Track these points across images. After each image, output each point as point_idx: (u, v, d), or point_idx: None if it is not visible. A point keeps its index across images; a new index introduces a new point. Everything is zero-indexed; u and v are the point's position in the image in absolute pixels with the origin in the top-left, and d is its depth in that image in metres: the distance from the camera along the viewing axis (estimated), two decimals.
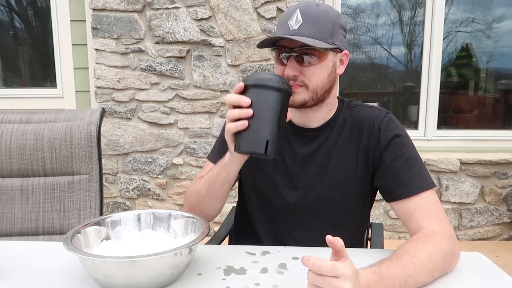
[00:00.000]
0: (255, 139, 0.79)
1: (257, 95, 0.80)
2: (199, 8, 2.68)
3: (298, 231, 1.06)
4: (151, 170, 2.87)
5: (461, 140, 2.93)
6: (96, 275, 0.74)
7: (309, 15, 0.91)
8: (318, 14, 0.92)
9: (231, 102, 0.82)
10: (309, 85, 0.95)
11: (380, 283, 0.70)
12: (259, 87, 0.80)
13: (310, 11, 0.92)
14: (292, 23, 0.91)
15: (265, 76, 0.80)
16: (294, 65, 0.93)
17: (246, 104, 0.79)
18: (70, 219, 1.25)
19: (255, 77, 0.81)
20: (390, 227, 2.87)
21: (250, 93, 0.81)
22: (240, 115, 0.80)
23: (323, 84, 0.96)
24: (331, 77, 0.98)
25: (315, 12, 0.92)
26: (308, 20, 0.91)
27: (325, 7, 0.94)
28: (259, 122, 0.79)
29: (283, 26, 0.94)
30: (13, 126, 1.27)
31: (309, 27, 0.90)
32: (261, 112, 0.79)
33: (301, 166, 1.04)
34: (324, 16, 0.92)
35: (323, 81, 0.96)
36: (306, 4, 0.93)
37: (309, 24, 0.91)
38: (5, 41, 3.22)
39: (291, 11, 0.93)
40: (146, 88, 2.78)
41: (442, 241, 0.83)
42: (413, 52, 3.06)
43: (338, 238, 0.66)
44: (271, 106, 0.80)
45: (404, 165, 0.96)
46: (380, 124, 1.00)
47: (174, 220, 0.92)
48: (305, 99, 0.96)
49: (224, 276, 0.81)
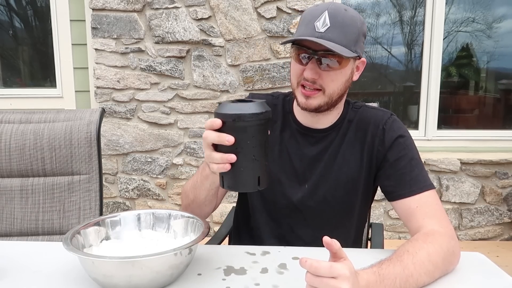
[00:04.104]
0: (244, 179, 0.74)
1: (240, 131, 0.71)
2: (199, 8, 2.68)
3: (303, 230, 1.07)
4: (151, 170, 2.87)
5: (461, 140, 2.93)
6: (96, 275, 0.74)
7: (337, 20, 0.89)
8: (346, 20, 0.90)
9: (211, 141, 0.74)
10: (326, 90, 0.94)
11: (380, 284, 0.70)
12: (241, 121, 0.71)
13: (338, 15, 0.89)
14: (319, 25, 0.89)
15: (247, 110, 0.71)
16: (315, 67, 0.92)
17: (229, 144, 0.71)
18: (70, 219, 1.25)
19: (234, 112, 0.71)
20: (390, 227, 2.87)
21: (229, 129, 0.72)
22: (222, 160, 0.73)
23: (340, 90, 0.96)
24: (347, 83, 0.98)
25: (342, 17, 0.90)
26: (335, 25, 0.88)
27: (353, 13, 0.92)
28: (247, 161, 0.72)
29: (308, 26, 0.91)
30: (12, 126, 1.27)
31: (336, 32, 0.88)
32: (248, 150, 0.72)
33: (308, 167, 1.05)
34: (351, 23, 0.91)
35: (340, 87, 0.96)
36: (335, 7, 0.91)
37: (336, 29, 0.88)
38: (4, 41, 3.22)
39: (319, 11, 0.90)
40: (146, 88, 2.78)
41: (442, 241, 0.83)
42: (413, 52, 3.06)
43: (335, 240, 0.65)
44: (257, 140, 0.72)
45: (407, 165, 0.97)
46: (384, 124, 1.02)
47: (174, 220, 0.91)
48: (320, 104, 0.96)
49: (224, 276, 0.81)
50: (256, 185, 0.74)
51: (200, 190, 0.96)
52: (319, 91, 0.94)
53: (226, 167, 0.73)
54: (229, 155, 0.72)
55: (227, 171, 0.74)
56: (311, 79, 0.93)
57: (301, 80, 0.95)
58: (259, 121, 0.71)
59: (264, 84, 2.73)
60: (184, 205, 1.05)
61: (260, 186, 0.74)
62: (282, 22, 2.66)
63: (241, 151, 0.72)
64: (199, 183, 0.95)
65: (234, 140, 0.71)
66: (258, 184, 0.74)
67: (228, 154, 0.72)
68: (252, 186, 0.74)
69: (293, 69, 0.98)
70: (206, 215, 1.03)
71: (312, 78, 0.92)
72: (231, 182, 0.75)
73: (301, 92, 0.96)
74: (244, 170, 0.73)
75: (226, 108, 0.72)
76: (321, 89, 0.94)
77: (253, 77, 2.73)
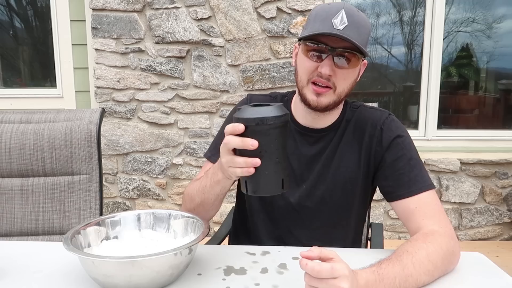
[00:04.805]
0: (269, 183, 0.74)
1: (263, 134, 0.72)
2: (199, 8, 2.68)
3: (300, 231, 1.07)
4: (151, 170, 2.87)
5: (461, 140, 2.93)
6: (96, 275, 0.74)
7: (354, 18, 0.89)
8: (360, 20, 0.91)
9: (234, 145, 0.74)
10: (338, 88, 0.94)
11: (379, 283, 0.70)
12: (264, 125, 0.71)
13: (354, 14, 0.90)
14: (337, 22, 0.88)
15: (268, 113, 0.71)
16: (331, 64, 0.91)
17: (253, 148, 0.71)
18: (70, 219, 1.25)
19: (257, 115, 0.72)
20: (390, 227, 2.87)
21: (253, 133, 0.72)
22: (246, 164, 0.73)
23: (348, 89, 0.97)
24: (354, 83, 0.98)
25: (357, 17, 0.90)
26: (352, 23, 0.89)
27: (363, 15, 0.94)
28: (272, 164, 0.73)
29: (325, 22, 0.89)
30: (13, 126, 1.27)
31: (353, 31, 0.88)
32: (271, 153, 0.72)
33: (306, 167, 1.05)
34: (365, 24, 0.92)
35: (348, 86, 0.96)
36: (350, 7, 0.91)
37: (353, 27, 0.89)
38: (5, 41, 3.22)
39: (335, 9, 0.90)
40: (146, 88, 2.78)
41: (442, 241, 0.83)
42: (413, 52, 3.06)
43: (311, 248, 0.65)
44: (280, 143, 0.73)
45: (405, 165, 0.97)
46: (382, 124, 1.01)
47: (174, 220, 0.92)
48: (329, 103, 0.95)
49: (224, 276, 0.81)
50: (280, 187, 0.74)
51: (209, 194, 0.94)
52: (330, 89, 0.94)
53: (250, 171, 0.73)
54: (254, 159, 0.72)
55: (251, 176, 0.73)
56: (327, 76, 0.91)
57: (313, 77, 0.94)
58: (281, 123, 0.72)
59: (264, 84, 2.73)
60: (186, 209, 1.03)
61: (284, 188, 0.74)
62: (282, 22, 2.66)
63: (264, 154, 0.72)
64: (209, 187, 0.93)
65: (258, 144, 0.71)
66: (282, 187, 0.74)
67: (253, 158, 0.72)
68: (277, 189, 0.74)
69: (303, 66, 0.95)
70: (210, 218, 1.03)
71: (329, 75, 0.91)
72: (256, 186, 0.75)
73: (312, 90, 0.94)
74: (269, 173, 0.73)
75: (247, 113, 0.73)
76: (333, 87, 0.94)
77: (253, 77, 2.73)
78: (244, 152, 0.73)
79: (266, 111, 0.71)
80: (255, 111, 0.72)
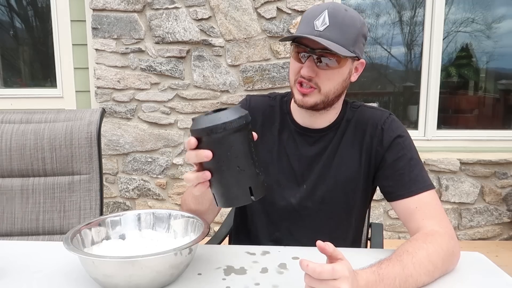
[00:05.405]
0: (235, 193, 0.69)
1: (216, 144, 0.66)
2: (199, 8, 2.68)
3: (301, 231, 1.06)
4: (151, 170, 2.87)
5: (461, 140, 2.93)
6: (96, 275, 0.74)
7: (336, 19, 0.90)
8: (345, 20, 0.91)
9: (191, 161, 0.70)
10: (322, 88, 0.95)
11: (379, 283, 0.70)
12: (213, 134, 0.65)
13: (338, 15, 0.90)
14: (318, 24, 0.90)
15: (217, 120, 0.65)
16: (312, 65, 0.93)
17: (208, 159, 0.67)
18: (70, 219, 1.25)
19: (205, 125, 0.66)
20: (390, 227, 2.87)
21: (207, 144, 0.67)
22: (198, 180, 0.69)
23: (336, 90, 0.97)
24: (344, 84, 0.98)
25: (342, 17, 0.90)
26: (334, 24, 0.89)
27: (353, 13, 0.93)
28: (232, 174, 0.67)
29: (307, 24, 0.92)
30: (13, 126, 1.27)
31: (335, 31, 0.89)
32: (230, 162, 0.67)
33: (307, 167, 1.05)
34: (351, 23, 0.91)
35: (336, 87, 0.96)
36: (335, 7, 0.91)
37: (335, 28, 0.89)
38: (5, 41, 3.22)
39: (319, 10, 0.91)
40: (146, 88, 2.78)
41: (442, 241, 0.83)
42: (413, 52, 3.06)
43: (328, 242, 0.65)
44: (239, 149, 0.67)
45: (406, 165, 0.97)
46: (383, 124, 1.01)
47: (174, 220, 0.92)
48: (316, 102, 0.96)
49: (224, 276, 0.81)
50: (249, 196, 0.69)
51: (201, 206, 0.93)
52: (314, 89, 0.95)
53: (205, 185, 0.70)
54: (204, 173, 0.68)
55: (216, 189, 0.70)
56: (308, 77, 0.93)
57: (298, 78, 0.96)
58: (235, 128, 0.65)
59: (264, 84, 2.73)
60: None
61: (254, 196, 0.69)
62: (282, 22, 2.66)
63: (223, 164, 0.67)
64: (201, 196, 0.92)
65: (211, 155, 0.66)
66: (252, 195, 0.69)
67: (203, 172, 0.68)
68: (246, 198, 0.69)
69: (291, 67, 0.99)
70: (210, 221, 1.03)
71: (309, 76, 0.93)
72: (222, 199, 0.71)
73: (298, 90, 0.97)
74: (232, 184, 0.68)
75: (197, 123, 0.67)
76: (317, 88, 0.95)
77: (253, 77, 2.73)
78: (206, 165, 0.69)
79: (215, 119, 0.65)
80: (204, 121, 0.66)
